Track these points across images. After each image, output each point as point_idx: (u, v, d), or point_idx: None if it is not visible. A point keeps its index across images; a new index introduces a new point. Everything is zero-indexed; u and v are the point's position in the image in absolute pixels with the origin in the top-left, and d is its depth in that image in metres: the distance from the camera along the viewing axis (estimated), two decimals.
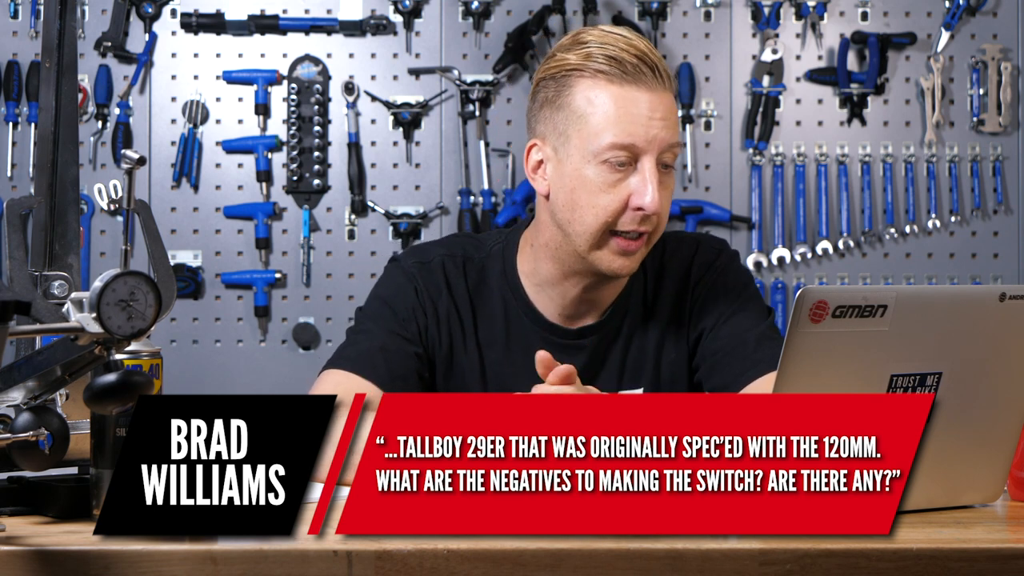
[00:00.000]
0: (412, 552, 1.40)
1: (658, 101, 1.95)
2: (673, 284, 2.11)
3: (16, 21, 3.80)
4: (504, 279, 2.09)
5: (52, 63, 1.65)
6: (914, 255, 3.90)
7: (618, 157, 1.95)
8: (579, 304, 2.07)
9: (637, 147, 1.95)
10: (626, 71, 1.94)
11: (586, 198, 1.97)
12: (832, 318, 1.49)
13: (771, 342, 2.04)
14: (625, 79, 1.95)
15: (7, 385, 1.53)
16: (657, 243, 2.11)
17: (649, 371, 2.08)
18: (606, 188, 1.96)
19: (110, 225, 3.82)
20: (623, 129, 1.95)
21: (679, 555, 1.41)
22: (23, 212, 1.64)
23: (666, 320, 2.10)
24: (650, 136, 1.95)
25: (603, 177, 1.96)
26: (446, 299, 2.08)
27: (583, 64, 1.96)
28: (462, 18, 3.84)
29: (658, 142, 1.95)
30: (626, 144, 1.95)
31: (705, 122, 3.88)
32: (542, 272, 2.07)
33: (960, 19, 3.89)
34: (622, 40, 1.97)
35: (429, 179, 3.85)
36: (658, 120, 1.95)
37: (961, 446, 1.63)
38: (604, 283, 2.05)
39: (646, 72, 1.94)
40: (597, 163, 1.96)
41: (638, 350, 2.08)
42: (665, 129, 1.95)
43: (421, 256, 2.11)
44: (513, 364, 2.06)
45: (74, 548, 1.41)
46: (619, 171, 1.96)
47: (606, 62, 1.95)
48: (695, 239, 2.15)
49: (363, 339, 2.06)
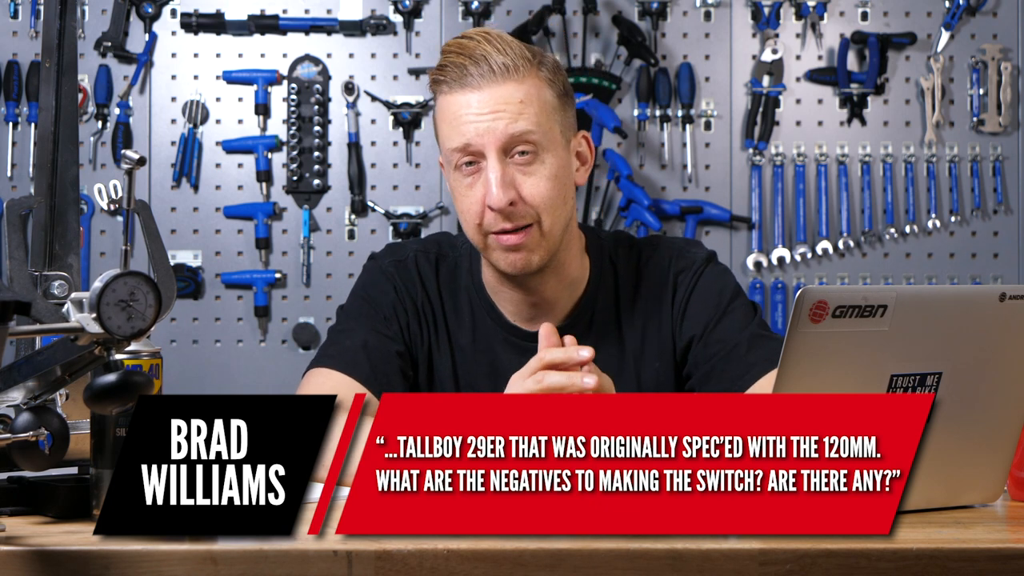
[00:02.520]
0: (412, 552, 1.40)
1: (487, 97, 1.97)
2: (651, 292, 2.10)
3: (16, 21, 3.80)
4: (471, 278, 2.12)
5: (52, 63, 1.65)
6: (914, 255, 3.90)
7: (466, 160, 1.99)
8: (529, 307, 2.09)
9: (473, 146, 1.98)
10: (453, 77, 1.98)
11: (458, 205, 2.03)
12: (832, 318, 1.49)
13: (763, 341, 2.04)
14: (454, 85, 1.98)
15: (7, 385, 1.53)
16: (631, 249, 2.12)
17: (628, 380, 2.07)
18: (465, 192, 2.01)
19: (110, 225, 3.82)
20: (456, 132, 1.98)
21: (679, 555, 1.41)
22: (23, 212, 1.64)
23: (645, 329, 2.09)
24: (481, 131, 1.96)
25: (460, 182, 2.01)
26: (421, 296, 2.11)
27: (434, 78, 2.02)
28: (462, 18, 3.84)
29: (494, 135, 1.97)
30: (462, 146, 1.98)
31: (705, 122, 3.88)
32: (488, 275, 2.10)
33: (960, 19, 3.89)
34: (462, 46, 1.99)
35: (429, 179, 3.85)
36: (487, 115, 1.97)
37: (961, 446, 1.63)
38: (537, 284, 2.06)
39: (473, 73, 1.97)
40: (453, 170, 2.01)
41: (610, 357, 2.06)
42: (498, 120, 1.96)
43: (397, 254, 2.15)
44: (478, 364, 2.08)
45: (74, 548, 1.41)
46: (471, 174, 2.00)
47: (440, 73, 2.00)
48: (670, 244, 2.14)
49: (345, 337, 2.07)
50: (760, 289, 3.86)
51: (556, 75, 2.02)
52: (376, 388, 1.99)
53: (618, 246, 2.13)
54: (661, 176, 3.87)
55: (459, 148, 1.98)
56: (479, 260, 2.11)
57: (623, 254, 2.13)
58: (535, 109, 1.98)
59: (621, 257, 2.12)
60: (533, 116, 1.98)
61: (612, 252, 2.13)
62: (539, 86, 1.99)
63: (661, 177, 3.87)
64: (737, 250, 3.87)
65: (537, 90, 1.99)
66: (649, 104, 3.85)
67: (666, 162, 3.86)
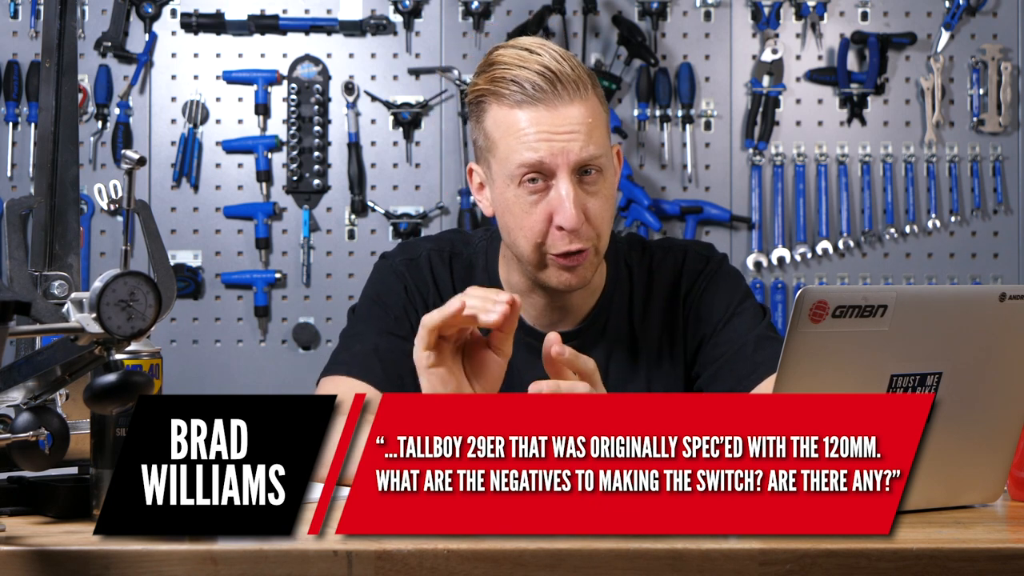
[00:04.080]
0: (412, 552, 1.40)
1: (563, 116, 1.94)
2: (662, 294, 2.11)
3: (16, 21, 3.80)
4: (487, 276, 2.10)
5: (52, 63, 1.65)
6: (914, 255, 3.90)
7: (531, 177, 1.96)
8: (551, 312, 2.08)
9: (546, 164, 1.95)
10: (526, 92, 1.94)
11: (514, 222, 1.99)
12: (832, 318, 1.49)
13: (771, 343, 2.04)
14: (526, 100, 1.94)
15: (7, 385, 1.53)
16: (644, 252, 2.13)
17: (640, 382, 2.07)
18: (528, 209, 1.97)
19: (110, 225, 3.82)
20: (527, 147, 1.95)
21: (679, 555, 1.41)
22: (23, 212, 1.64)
23: (658, 332, 2.10)
24: (555, 151, 1.94)
25: (522, 199, 1.97)
26: (433, 295, 2.09)
27: (490, 88, 1.97)
28: (462, 18, 3.84)
29: (568, 156, 1.94)
30: (533, 163, 1.95)
31: (705, 122, 3.88)
32: (514, 281, 2.08)
33: (960, 19, 3.89)
34: (524, 59, 1.96)
35: (429, 179, 3.85)
36: (563, 135, 1.94)
37: (961, 446, 1.63)
38: (568, 294, 2.06)
39: (546, 89, 1.94)
40: (515, 186, 1.97)
41: (623, 360, 2.07)
42: (573, 141, 1.94)
43: (410, 252, 2.13)
44: None
45: (74, 548, 1.41)
46: (537, 192, 1.97)
47: (506, 85, 1.96)
48: (682, 247, 2.14)
49: (356, 342, 2.06)
50: (760, 289, 3.86)
51: (600, 87, 2.01)
52: (390, 391, 1.99)
53: (631, 249, 2.14)
54: (661, 176, 3.87)
55: (530, 164, 1.95)
56: (496, 260, 2.10)
57: (636, 257, 2.13)
58: (601, 130, 1.98)
59: (635, 260, 2.13)
60: (601, 137, 1.97)
61: (627, 256, 2.13)
62: (597, 102, 1.98)
63: (661, 177, 3.87)
64: (737, 250, 3.87)
65: (597, 107, 1.98)
66: (649, 104, 3.85)
67: (666, 162, 3.86)
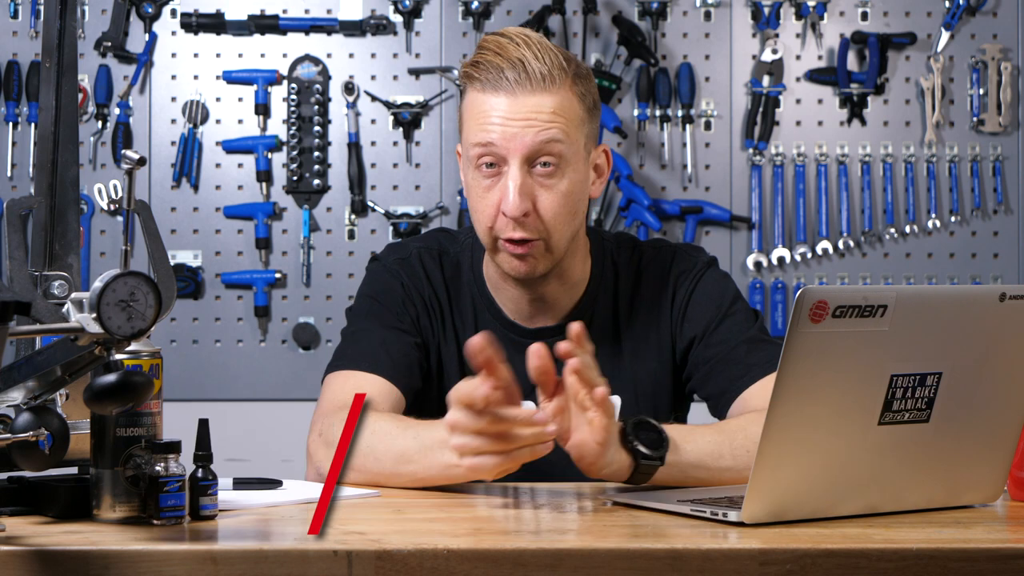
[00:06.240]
0: (412, 552, 1.40)
1: (523, 104, 1.96)
2: (650, 293, 2.12)
3: (16, 21, 3.80)
4: (472, 274, 2.13)
5: (52, 63, 1.65)
6: (914, 255, 3.90)
7: (487, 161, 1.99)
8: (529, 304, 2.09)
9: (497, 148, 1.97)
10: (488, 77, 1.97)
11: (473, 202, 2.03)
12: (832, 318, 1.49)
13: (763, 345, 2.05)
14: (487, 85, 1.98)
15: (7, 385, 1.53)
16: (634, 251, 2.14)
17: (625, 380, 2.08)
18: (482, 192, 2.00)
19: (110, 225, 3.81)
20: (482, 129, 1.98)
21: (679, 555, 1.41)
22: (23, 212, 1.63)
23: (643, 329, 2.10)
24: (508, 136, 1.96)
25: (478, 182, 2.01)
26: (427, 290, 2.11)
27: (468, 72, 2.01)
28: (462, 18, 3.84)
29: (521, 142, 1.96)
30: (484, 143, 1.98)
31: (705, 122, 3.88)
32: (490, 273, 2.11)
33: (960, 19, 3.89)
34: (502, 46, 1.98)
35: (429, 179, 3.85)
36: (518, 121, 1.96)
37: (961, 446, 1.63)
38: (538, 286, 2.06)
39: (512, 78, 1.96)
40: (473, 169, 2.01)
41: (607, 357, 2.05)
42: (528, 128, 1.96)
43: (400, 252, 2.15)
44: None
45: (74, 548, 1.41)
46: (490, 176, 1.99)
47: (477, 69, 1.99)
48: (672, 248, 2.16)
49: (361, 337, 2.07)
50: (760, 289, 3.86)
51: (587, 86, 2.02)
52: (400, 383, 2.01)
53: (620, 247, 2.15)
54: (661, 176, 3.87)
55: (481, 144, 1.98)
56: (481, 256, 2.12)
57: (625, 255, 2.14)
58: (563, 122, 1.98)
59: (623, 258, 2.13)
60: (561, 129, 1.98)
61: (614, 253, 2.14)
62: (570, 98, 1.98)
63: (661, 177, 3.87)
64: (737, 250, 3.87)
65: (568, 102, 1.98)
66: (649, 104, 3.85)
67: (666, 162, 3.86)
